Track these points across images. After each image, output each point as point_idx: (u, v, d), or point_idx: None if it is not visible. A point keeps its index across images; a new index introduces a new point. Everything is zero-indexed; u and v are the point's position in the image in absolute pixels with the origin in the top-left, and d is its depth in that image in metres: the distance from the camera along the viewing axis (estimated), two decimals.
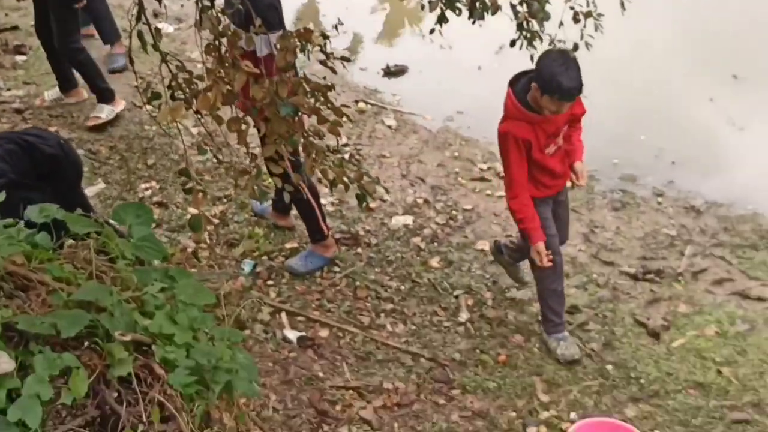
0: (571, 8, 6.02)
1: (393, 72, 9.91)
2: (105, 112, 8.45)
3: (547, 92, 5.53)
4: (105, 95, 8.50)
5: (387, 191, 6.86)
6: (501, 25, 5.95)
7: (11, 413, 2.90)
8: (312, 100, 4.29)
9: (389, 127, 8.78)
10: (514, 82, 5.83)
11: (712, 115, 8.97)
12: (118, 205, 3.81)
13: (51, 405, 3.03)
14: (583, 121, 6.10)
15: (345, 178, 4.37)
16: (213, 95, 3.76)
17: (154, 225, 4.23)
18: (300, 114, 4.23)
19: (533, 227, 5.95)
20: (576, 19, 6.01)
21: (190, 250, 6.91)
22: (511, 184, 5.99)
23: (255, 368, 3.70)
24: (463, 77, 9.61)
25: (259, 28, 4.14)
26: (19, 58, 9.54)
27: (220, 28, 4.01)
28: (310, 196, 6.50)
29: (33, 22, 9.36)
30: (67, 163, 5.71)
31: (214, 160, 7.49)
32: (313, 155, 4.27)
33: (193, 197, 4.06)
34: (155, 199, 7.54)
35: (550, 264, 5.99)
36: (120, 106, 8.58)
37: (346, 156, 4.82)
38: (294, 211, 7.32)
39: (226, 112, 4.23)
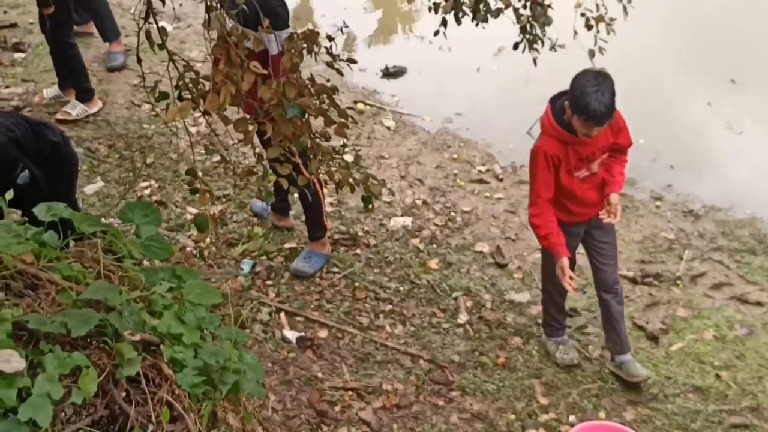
0: (582, 15, 6.00)
1: (392, 73, 9.92)
2: (77, 110, 8.45)
3: (576, 112, 5.41)
4: (84, 94, 8.51)
5: (392, 193, 6.85)
6: (500, 27, 5.93)
7: (22, 412, 2.89)
8: (317, 102, 4.29)
9: (388, 128, 8.79)
10: (554, 100, 5.67)
11: (710, 119, 8.99)
12: (125, 205, 3.81)
13: (61, 404, 3.03)
14: None
15: (351, 180, 4.37)
16: (223, 95, 3.75)
17: None
18: (307, 116, 4.22)
19: (557, 243, 5.75)
20: (588, 26, 5.99)
21: (188, 249, 6.91)
22: (535, 200, 5.80)
23: (261, 369, 3.71)
24: (462, 79, 9.62)
25: (267, 28, 4.14)
26: (18, 55, 9.52)
27: (228, 28, 4.00)
28: (319, 190, 6.53)
29: (31, 20, 9.36)
30: (67, 154, 5.78)
31: (214, 160, 7.53)
32: (320, 157, 4.26)
33: (200, 197, 4.05)
34: (154, 198, 7.53)
35: (571, 288, 5.81)
36: (95, 107, 8.57)
37: (351, 157, 4.83)
38: (292, 211, 7.33)
39: (231, 113, 4.23)
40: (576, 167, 5.71)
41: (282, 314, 6.56)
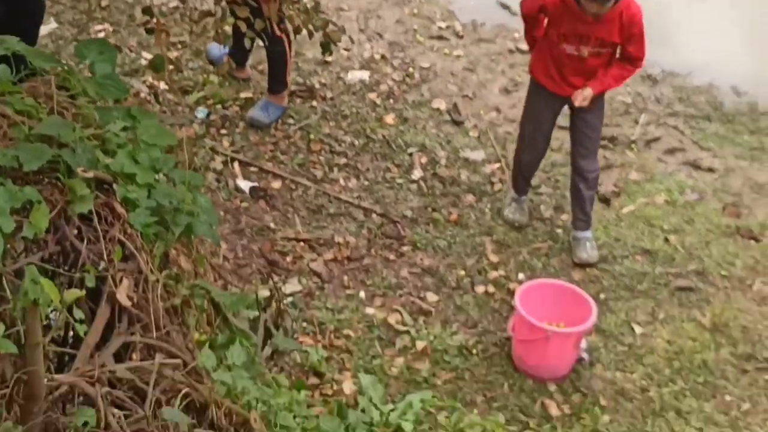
0: None
1: None
2: None
3: None
4: None
5: (352, 40, 6.76)
6: None
7: None
8: None
9: None
10: None
11: None
12: (80, 42, 3.72)
13: (11, 238, 3.00)
14: None
15: (310, 26, 4.31)
16: None
17: None
18: None
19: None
20: None
21: (143, 95, 6.82)
22: None
23: (215, 213, 3.69)
24: None
25: None
26: None
27: None
28: (287, 46, 6.47)
29: None
30: None
31: (171, 5, 7.39)
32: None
33: (156, 37, 3.98)
34: (109, 41, 7.37)
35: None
36: None
37: (311, 4, 4.75)
38: (249, 62, 7.23)
39: None
40: (566, 38, 5.69)
41: (236, 164, 6.54)
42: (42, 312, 2.75)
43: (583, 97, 5.82)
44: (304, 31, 5.40)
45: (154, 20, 4.04)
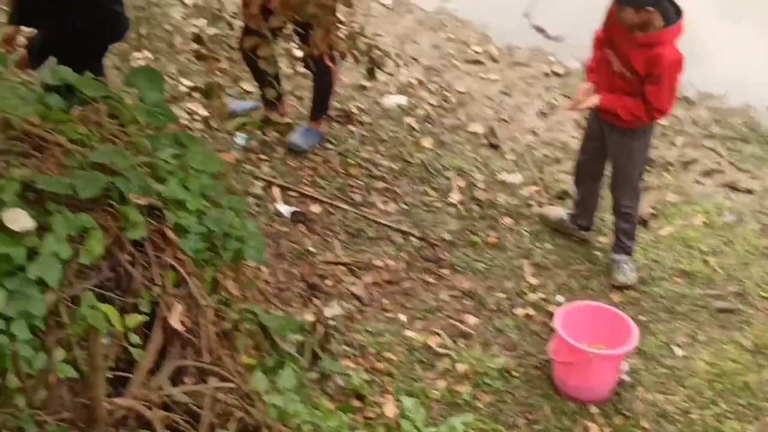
0: None
1: None
2: None
3: None
4: None
5: (397, 64, 6.73)
6: None
7: (31, 271, 2.92)
8: None
9: (384, 5, 8.68)
10: None
11: (706, 5, 8.89)
12: (129, 70, 3.79)
13: (68, 265, 3.06)
14: None
15: (355, 51, 4.36)
16: None
17: None
18: None
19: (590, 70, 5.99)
20: None
21: (183, 121, 6.88)
22: None
23: (262, 237, 3.75)
24: None
25: None
26: None
27: None
28: (333, 73, 6.52)
29: None
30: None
31: (211, 33, 7.47)
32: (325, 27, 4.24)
33: (207, 64, 4.04)
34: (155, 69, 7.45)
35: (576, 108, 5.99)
36: None
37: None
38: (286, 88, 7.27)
39: None
40: (609, 42, 5.67)
41: (275, 188, 6.58)
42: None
43: (586, 99, 5.81)
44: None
45: (204, 48, 4.10)
